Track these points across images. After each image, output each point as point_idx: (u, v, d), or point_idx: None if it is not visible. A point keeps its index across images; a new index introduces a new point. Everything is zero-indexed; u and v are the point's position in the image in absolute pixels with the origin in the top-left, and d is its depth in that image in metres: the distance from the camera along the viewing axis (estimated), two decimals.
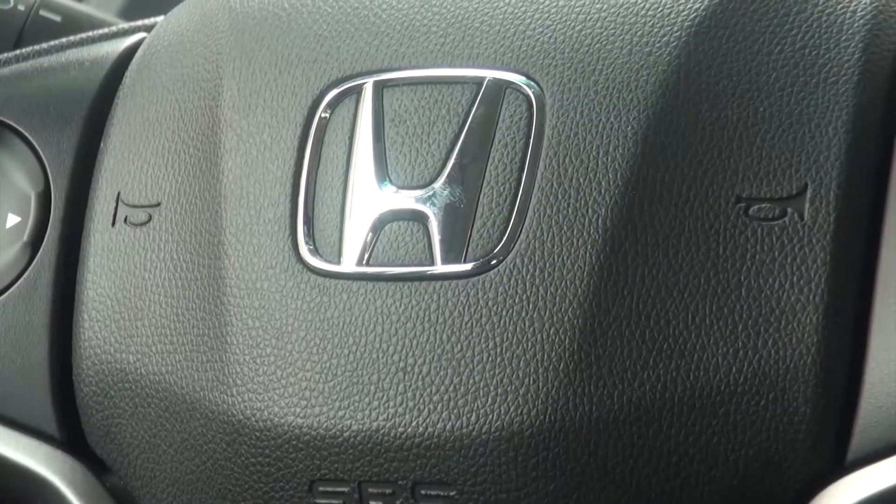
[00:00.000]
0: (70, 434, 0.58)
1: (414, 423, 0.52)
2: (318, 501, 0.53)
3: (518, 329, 0.51)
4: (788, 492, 0.51)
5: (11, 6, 0.67)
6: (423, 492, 0.52)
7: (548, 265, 0.51)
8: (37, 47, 0.64)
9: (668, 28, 0.53)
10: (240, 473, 0.54)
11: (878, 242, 0.51)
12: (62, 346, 0.58)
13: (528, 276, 0.51)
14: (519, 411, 0.51)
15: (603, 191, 0.52)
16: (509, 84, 0.53)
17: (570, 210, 0.52)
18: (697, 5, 0.53)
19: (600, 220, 0.51)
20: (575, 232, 0.51)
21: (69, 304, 0.58)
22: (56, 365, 0.58)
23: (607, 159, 0.52)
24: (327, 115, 0.55)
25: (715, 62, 0.53)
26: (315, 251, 0.53)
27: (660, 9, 0.54)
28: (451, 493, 0.51)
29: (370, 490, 0.52)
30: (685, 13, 0.53)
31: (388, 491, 0.52)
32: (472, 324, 0.52)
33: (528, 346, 0.51)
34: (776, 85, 0.52)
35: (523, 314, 0.51)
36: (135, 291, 0.57)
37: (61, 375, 0.58)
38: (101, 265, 0.58)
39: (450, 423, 0.51)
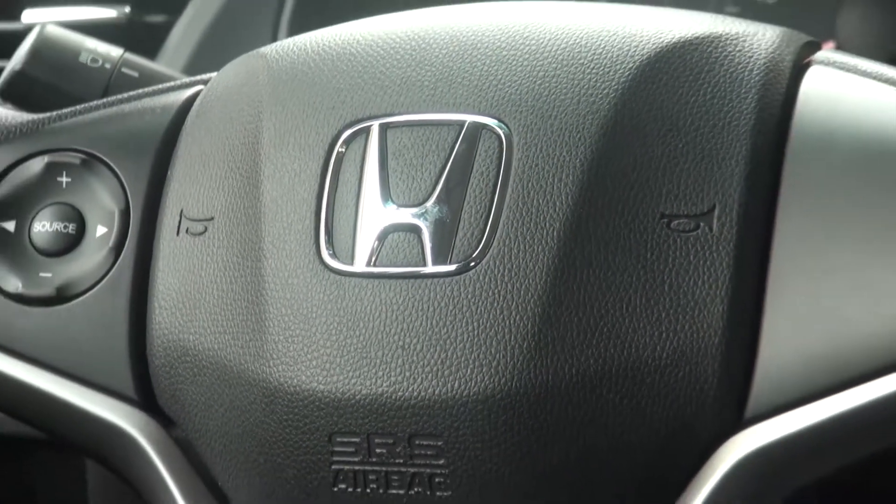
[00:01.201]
0: (144, 396, 0.60)
1: (410, 389, 0.53)
2: (335, 449, 0.54)
3: (491, 316, 0.53)
4: (700, 445, 0.52)
5: (100, 65, 0.68)
6: (417, 442, 0.53)
7: (514, 266, 0.53)
8: (120, 96, 0.65)
9: (608, 82, 0.54)
10: (275, 427, 0.55)
11: (769, 249, 0.52)
12: (138, 329, 0.59)
13: (499, 275, 0.53)
14: (491, 380, 0.52)
15: (557, 209, 0.53)
16: (485, 126, 0.55)
17: (531, 224, 0.53)
18: (631, 65, 0.55)
19: (555, 233, 0.53)
20: (536, 241, 0.53)
21: (143, 296, 0.60)
22: (133, 343, 0.60)
23: (560, 185, 0.53)
24: (343, 150, 0.56)
25: (644, 109, 0.54)
26: (334, 255, 0.55)
27: (602, 68, 0.55)
28: (439, 443, 0.53)
29: (376, 440, 0.54)
30: (621, 71, 0.55)
31: (390, 441, 0.54)
32: (455, 312, 0.53)
33: (498, 329, 0.53)
34: (692, 127, 0.54)
35: (495, 304, 0.53)
36: (194, 286, 0.58)
37: (137, 351, 0.59)
38: (169, 266, 0.59)
39: (438, 389, 0.53)
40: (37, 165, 0.63)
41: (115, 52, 0.71)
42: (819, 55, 0.57)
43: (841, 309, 0.51)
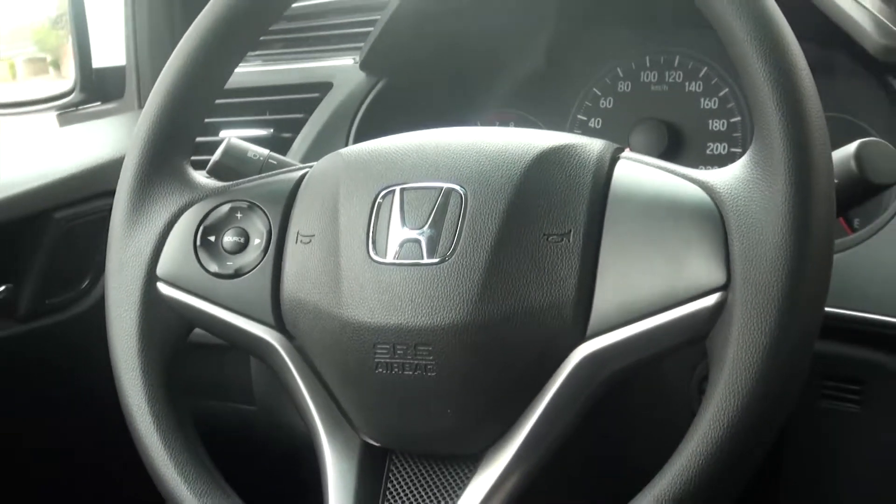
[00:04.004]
0: (279, 324, 0.61)
1: (414, 321, 0.55)
2: (376, 352, 0.56)
3: (456, 285, 0.55)
4: (562, 350, 0.54)
5: (257, 158, 0.70)
6: (418, 348, 0.55)
7: (469, 260, 0.56)
8: (267, 173, 0.67)
9: (515, 166, 0.57)
10: (345, 341, 0.57)
11: (598, 251, 0.55)
12: (275, 291, 0.60)
13: (461, 265, 0.56)
14: (456, 317, 0.55)
15: (489, 231, 0.56)
16: (454, 189, 0.57)
17: (477, 239, 0.56)
18: (527, 157, 0.57)
19: (489, 243, 0.55)
20: (479, 247, 0.55)
21: (279, 274, 0.61)
22: (274, 298, 0.61)
23: (492, 219, 0.56)
24: (381, 201, 0.58)
25: (534, 179, 0.56)
26: (376, 253, 0.57)
27: (512, 159, 0.57)
28: (430, 348, 0.55)
29: (397, 347, 0.56)
30: (523, 160, 0.57)
31: (404, 347, 0.55)
32: (438, 283, 0.55)
33: (460, 292, 0.55)
34: (559, 189, 0.56)
35: (458, 279, 0.55)
36: (304, 269, 0.59)
37: (275, 302, 0.61)
38: (291, 259, 0.61)
39: (429, 321, 0.55)
40: (225, 208, 0.65)
41: (264, 152, 0.72)
42: (624, 154, 0.58)
43: (633, 281, 0.53)
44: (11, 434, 0.90)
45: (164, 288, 0.65)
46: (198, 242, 0.65)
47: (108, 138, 1.01)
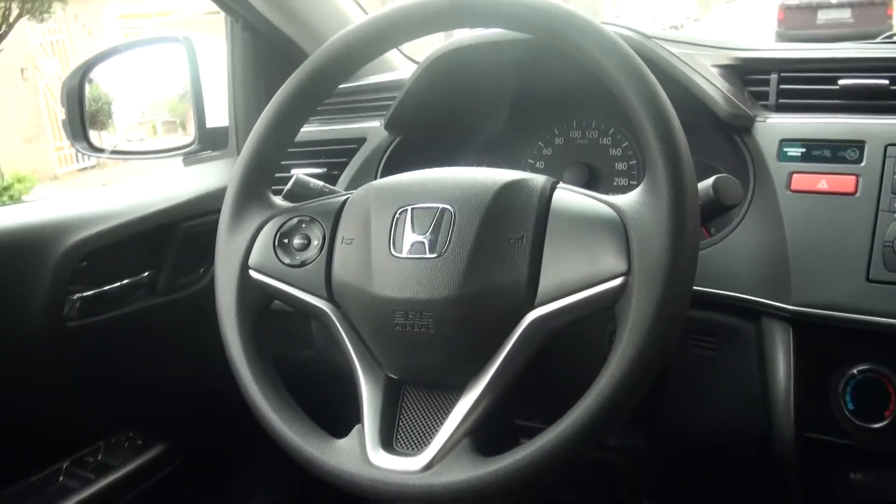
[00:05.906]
0: (331, 297, 0.60)
1: (420, 295, 0.55)
2: (394, 315, 0.56)
3: (447, 272, 0.55)
4: (516, 315, 0.54)
5: (315, 187, 0.68)
6: (423, 313, 0.55)
7: (456, 255, 0.55)
8: (322, 197, 0.66)
9: (486, 193, 0.56)
10: (374, 308, 0.57)
11: (542, 248, 0.54)
12: (328, 276, 0.59)
13: (450, 259, 0.55)
14: (446, 292, 0.54)
15: (470, 236, 0.55)
16: (447, 208, 0.56)
17: (462, 241, 0.55)
18: (494, 187, 0.55)
19: (469, 244, 0.55)
20: (463, 246, 0.55)
21: (330, 266, 0.60)
22: (327, 279, 0.60)
23: (471, 227, 0.55)
24: (398, 216, 0.57)
25: (499, 200, 0.56)
26: (395, 250, 0.57)
27: (486, 187, 0.56)
28: (430, 314, 0.54)
29: (409, 312, 0.55)
30: (491, 189, 0.56)
31: (413, 313, 0.55)
32: (435, 271, 0.55)
33: (450, 275, 0.55)
34: (515, 208, 0.55)
35: (450, 267, 0.55)
36: (348, 260, 0.58)
37: (328, 282, 0.59)
38: (338, 254, 0.60)
39: (429, 295, 0.55)
40: (295, 220, 0.64)
41: (321, 183, 0.70)
42: (560, 185, 0.58)
43: (565, 269, 0.53)
44: (149, 370, 0.91)
45: (253, 274, 0.64)
46: (276, 243, 0.64)
47: (216, 174, 1.01)
